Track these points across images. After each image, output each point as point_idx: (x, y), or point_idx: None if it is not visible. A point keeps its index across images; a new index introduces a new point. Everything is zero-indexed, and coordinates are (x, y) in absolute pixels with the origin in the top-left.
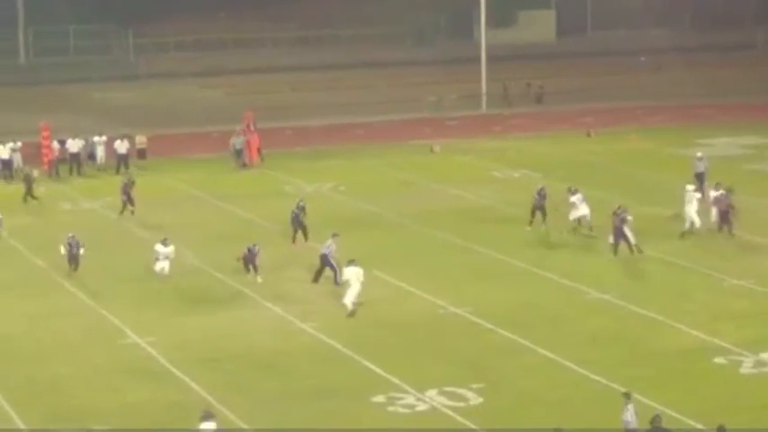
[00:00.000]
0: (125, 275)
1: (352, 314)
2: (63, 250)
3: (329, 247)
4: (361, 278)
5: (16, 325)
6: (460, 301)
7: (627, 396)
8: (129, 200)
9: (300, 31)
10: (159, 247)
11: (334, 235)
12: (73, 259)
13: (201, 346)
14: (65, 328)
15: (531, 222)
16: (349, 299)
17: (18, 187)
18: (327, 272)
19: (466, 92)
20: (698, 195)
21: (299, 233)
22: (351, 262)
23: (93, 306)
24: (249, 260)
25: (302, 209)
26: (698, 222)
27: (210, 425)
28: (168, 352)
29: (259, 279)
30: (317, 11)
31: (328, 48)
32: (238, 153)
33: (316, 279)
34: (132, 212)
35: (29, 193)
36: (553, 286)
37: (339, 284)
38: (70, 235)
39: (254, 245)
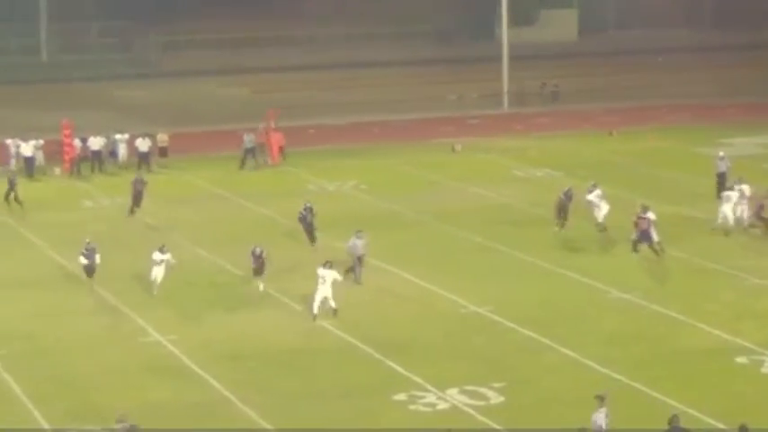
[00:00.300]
0: (146, 273)
1: (315, 318)
2: (83, 260)
3: (354, 244)
4: (338, 279)
5: (37, 323)
6: (482, 300)
7: (601, 399)
8: (135, 198)
9: (323, 29)
10: (157, 255)
11: (358, 232)
12: (90, 270)
13: (223, 345)
14: (86, 326)
15: (561, 224)
16: (317, 304)
17: (42, 184)
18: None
19: (487, 91)
20: (734, 194)
21: (313, 234)
22: (327, 263)
23: (114, 304)
24: (256, 264)
25: (309, 210)
26: (731, 220)
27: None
28: (190, 350)
29: (261, 287)
30: (338, 9)
31: (350, 46)
32: (248, 152)
33: (359, 281)
34: (132, 211)
35: (10, 194)
36: (575, 285)
37: (360, 282)
38: (87, 241)
39: (261, 249)
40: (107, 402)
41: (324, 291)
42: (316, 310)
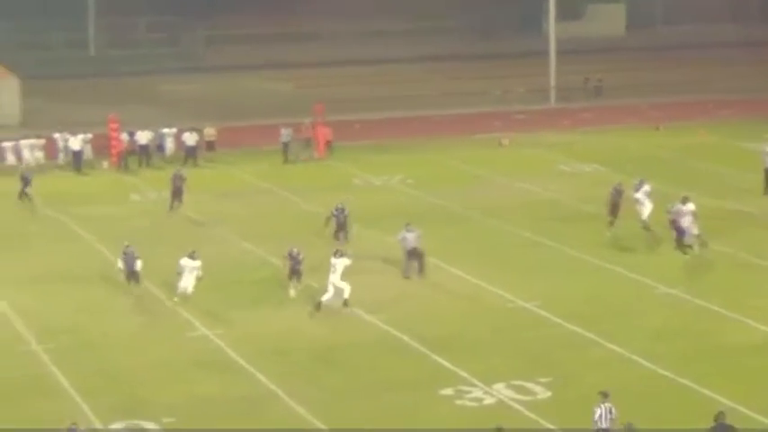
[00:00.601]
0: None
1: (317, 307)
2: (121, 264)
3: (404, 237)
4: (348, 264)
5: (84, 316)
6: (529, 295)
7: (604, 395)
8: (176, 193)
9: (370, 24)
10: (186, 261)
11: (408, 225)
12: (132, 275)
13: (270, 339)
14: (133, 321)
15: (612, 222)
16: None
17: (90, 178)
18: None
19: (534, 85)
20: None
21: (345, 231)
22: (337, 252)
23: (161, 298)
24: (292, 266)
25: (341, 210)
26: None
27: None
28: (236, 344)
29: (292, 292)
30: (382, 5)
31: (397, 42)
32: (285, 146)
33: (406, 275)
34: (171, 207)
35: (24, 191)
36: (621, 280)
37: (408, 276)
38: (126, 245)
39: (298, 251)
40: (154, 397)
41: (333, 279)
42: (323, 298)
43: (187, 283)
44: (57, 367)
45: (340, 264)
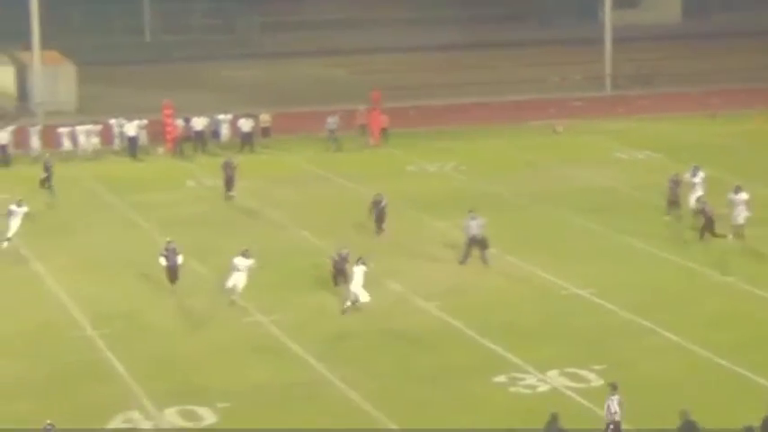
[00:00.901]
0: (252, 255)
1: (344, 311)
2: (163, 261)
3: (468, 225)
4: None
5: (140, 302)
6: (583, 282)
7: (613, 387)
8: (228, 182)
9: (424, 11)
10: (239, 260)
11: (471, 212)
12: (172, 272)
13: (324, 325)
14: (188, 306)
15: (673, 213)
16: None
17: (146, 164)
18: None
19: (590, 72)
20: None
21: (383, 222)
22: (359, 260)
23: (217, 284)
24: (339, 267)
25: (379, 202)
26: None
27: None
28: (291, 330)
29: (347, 304)
30: None
31: (452, 28)
32: (331, 134)
33: (464, 261)
34: (231, 197)
35: (47, 181)
36: (676, 268)
37: (464, 263)
38: (168, 240)
39: (348, 252)
40: (208, 382)
41: (354, 287)
42: (346, 304)
43: (237, 280)
44: (112, 352)
45: (359, 271)
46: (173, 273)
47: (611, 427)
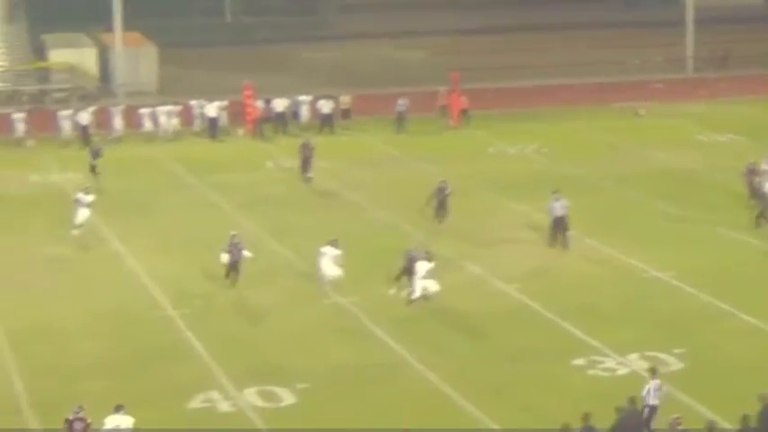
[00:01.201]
0: (329, 236)
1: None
2: (225, 258)
3: (551, 206)
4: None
5: (219, 282)
6: (663, 265)
7: (653, 371)
8: (305, 163)
9: None
10: (327, 249)
11: (555, 194)
12: (234, 268)
13: (402, 307)
14: (267, 288)
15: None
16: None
17: (226, 145)
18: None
19: (672, 55)
20: None
21: (445, 210)
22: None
23: (296, 265)
24: (408, 266)
25: (442, 190)
26: None
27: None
28: (370, 312)
29: (392, 290)
30: None
31: (532, 9)
32: (400, 116)
33: (552, 244)
34: (309, 178)
35: (94, 168)
36: (756, 252)
37: (568, 246)
38: (232, 234)
39: (416, 249)
40: (288, 363)
41: (417, 280)
42: (413, 296)
43: (329, 270)
44: (191, 332)
45: (422, 267)
46: (233, 267)
47: (647, 410)
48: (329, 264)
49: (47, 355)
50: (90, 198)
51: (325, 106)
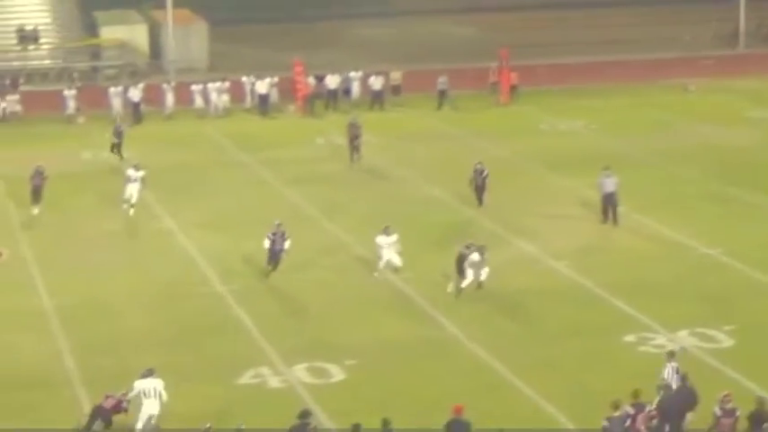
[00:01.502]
0: (380, 213)
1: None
2: (267, 244)
3: (601, 182)
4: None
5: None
6: (712, 242)
7: (670, 354)
8: (352, 142)
9: None
10: (381, 239)
11: (605, 170)
12: (274, 257)
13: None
14: (318, 263)
15: None
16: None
17: (276, 122)
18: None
19: (722, 30)
20: None
21: (483, 194)
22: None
23: (346, 241)
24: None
25: (480, 172)
26: None
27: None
28: (421, 288)
29: (450, 288)
30: None
31: None
32: (441, 94)
33: (605, 220)
34: (352, 158)
35: (118, 147)
36: None
37: (618, 223)
38: (277, 223)
39: (472, 245)
40: (337, 339)
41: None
42: (463, 284)
43: (389, 256)
44: (241, 309)
45: (474, 258)
46: (274, 256)
47: (661, 392)
48: (390, 253)
49: (98, 330)
50: (140, 173)
51: (376, 82)
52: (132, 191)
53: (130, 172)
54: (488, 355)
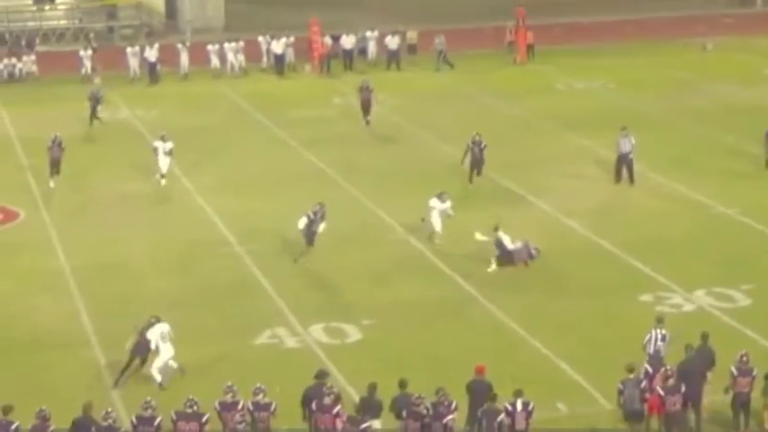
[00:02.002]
0: (397, 173)
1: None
2: (302, 223)
3: (618, 141)
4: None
5: (286, 219)
6: (729, 201)
7: (658, 320)
8: (364, 105)
9: None
10: (435, 202)
11: (622, 130)
12: (309, 237)
13: (471, 244)
14: (336, 224)
15: None
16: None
17: (293, 82)
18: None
19: None
20: None
21: (481, 167)
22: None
23: (363, 202)
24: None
25: (478, 143)
26: None
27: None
28: (437, 249)
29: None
30: None
31: None
32: (439, 54)
33: (617, 180)
34: (366, 121)
35: (94, 113)
36: None
37: (635, 182)
38: (319, 203)
39: (537, 248)
40: (354, 299)
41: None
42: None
43: (435, 225)
44: (258, 269)
45: (506, 238)
46: (308, 237)
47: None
48: (436, 218)
49: (116, 291)
50: (169, 145)
51: (392, 42)
52: (163, 163)
53: (158, 144)
54: (505, 314)
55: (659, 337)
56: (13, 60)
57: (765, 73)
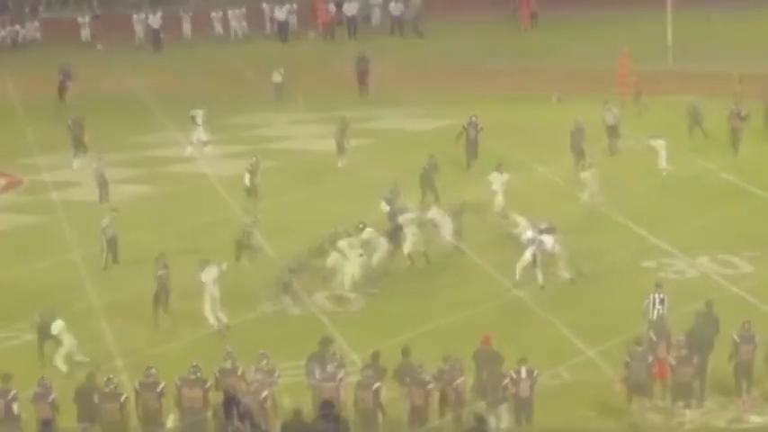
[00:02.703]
0: (401, 139)
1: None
2: (386, 205)
3: (603, 115)
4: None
5: (293, 189)
6: (732, 168)
7: (657, 285)
8: (360, 78)
9: None
10: (494, 176)
11: (606, 103)
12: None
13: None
14: (338, 191)
15: None
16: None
17: (294, 48)
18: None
19: None
20: None
21: (476, 149)
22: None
23: (365, 167)
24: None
25: (474, 125)
26: None
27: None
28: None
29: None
30: None
31: None
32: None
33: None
34: (365, 95)
35: (62, 89)
36: None
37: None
38: (394, 183)
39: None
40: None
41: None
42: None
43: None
44: (264, 237)
45: (549, 240)
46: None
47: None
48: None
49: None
50: (200, 112)
51: (396, 8)
52: (200, 134)
53: (195, 111)
54: (510, 281)
55: (657, 300)
56: (17, 27)
57: None
